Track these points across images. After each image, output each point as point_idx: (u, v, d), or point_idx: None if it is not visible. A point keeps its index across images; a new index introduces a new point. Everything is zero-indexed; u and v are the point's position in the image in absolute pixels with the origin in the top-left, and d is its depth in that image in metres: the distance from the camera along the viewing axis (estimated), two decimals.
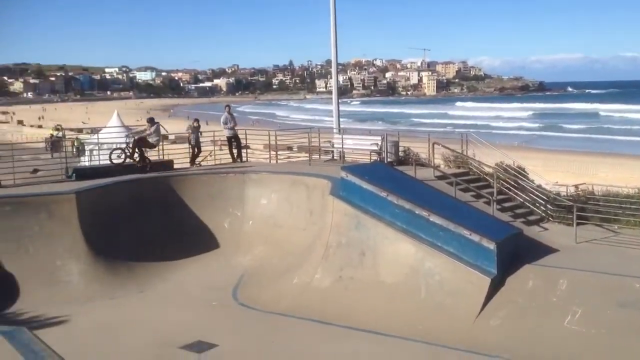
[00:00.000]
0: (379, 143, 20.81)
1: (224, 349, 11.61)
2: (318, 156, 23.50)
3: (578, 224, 14.78)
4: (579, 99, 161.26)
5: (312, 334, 12.40)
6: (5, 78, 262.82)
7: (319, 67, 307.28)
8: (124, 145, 21.08)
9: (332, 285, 14.27)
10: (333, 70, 27.17)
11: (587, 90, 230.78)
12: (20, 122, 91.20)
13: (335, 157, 22.81)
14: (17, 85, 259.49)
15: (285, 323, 12.97)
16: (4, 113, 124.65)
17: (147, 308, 13.92)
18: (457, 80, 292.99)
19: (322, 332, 12.50)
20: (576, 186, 17.79)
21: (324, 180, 17.47)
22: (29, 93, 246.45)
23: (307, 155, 23.42)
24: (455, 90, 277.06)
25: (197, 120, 23.83)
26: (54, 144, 34.02)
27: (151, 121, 20.91)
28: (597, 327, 11.25)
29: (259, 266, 16.69)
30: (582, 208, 15.61)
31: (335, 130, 24.71)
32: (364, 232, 14.56)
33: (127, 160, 20.12)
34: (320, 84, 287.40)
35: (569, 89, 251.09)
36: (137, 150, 20.15)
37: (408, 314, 12.71)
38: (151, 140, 20.36)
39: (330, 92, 26.87)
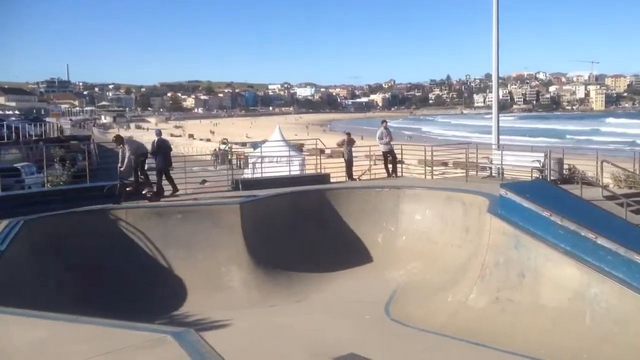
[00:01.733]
0: (542, 160, 19.94)
1: None
2: (475, 172, 22.97)
3: None
4: None
5: (465, 355, 12.08)
6: (179, 94, 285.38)
7: (478, 81, 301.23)
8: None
9: (488, 306, 13.81)
10: (494, 83, 26.51)
11: None
12: (191, 136, 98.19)
13: (493, 174, 22.18)
14: (189, 102, 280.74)
15: (438, 342, 12.71)
16: (177, 127, 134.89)
17: (303, 317, 14.32)
18: (628, 94, 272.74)
19: (476, 354, 12.11)
20: None
21: (481, 198, 17.05)
22: (199, 108, 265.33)
23: (464, 171, 22.98)
24: (626, 105, 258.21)
25: (349, 134, 24.29)
26: (219, 156, 36.39)
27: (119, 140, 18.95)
28: None
29: (412, 282, 16.61)
30: None
31: (494, 146, 24.03)
32: (523, 252, 13.96)
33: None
34: (478, 98, 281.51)
35: None
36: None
37: (571, 341, 11.96)
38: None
39: (488, 107, 26.16)
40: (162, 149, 18.96)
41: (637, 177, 17.80)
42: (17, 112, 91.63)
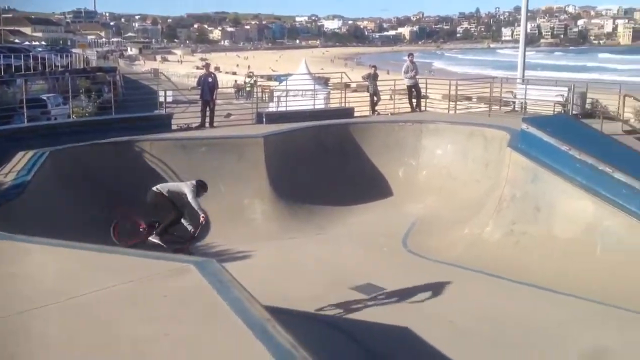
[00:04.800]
0: (565, 94, 19.83)
1: (391, 293, 12.01)
2: (498, 107, 22.90)
3: None
4: None
5: (480, 286, 12.47)
6: (206, 26, 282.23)
7: (507, 14, 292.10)
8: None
9: (503, 238, 14.15)
10: (522, 16, 26.00)
11: None
12: (217, 69, 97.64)
13: (516, 109, 22.11)
14: (215, 34, 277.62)
15: (453, 273, 13.09)
16: (202, 59, 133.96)
17: (322, 249, 14.74)
18: None
19: (489, 284, 12.52)
20: None
21: (502, 132, 17.11)
22: (226, 41, 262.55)
23: (487, 106, 22.93)
24: None
25: (374, 67, 24.15)
26: (240, 90, 36.59)
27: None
28: None
29: (430, 216, 16.94)
30: None
31: (518, 80, 23.84)
32: (540, 186, 14.19)
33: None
34: (506, 32, 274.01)
35: None
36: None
37: (581, 272, 12.31)
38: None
39: (516, 41, 25.63)
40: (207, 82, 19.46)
41: None
42: (43, 42, 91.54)
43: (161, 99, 21.46)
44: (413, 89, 23.10)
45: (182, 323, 5.15)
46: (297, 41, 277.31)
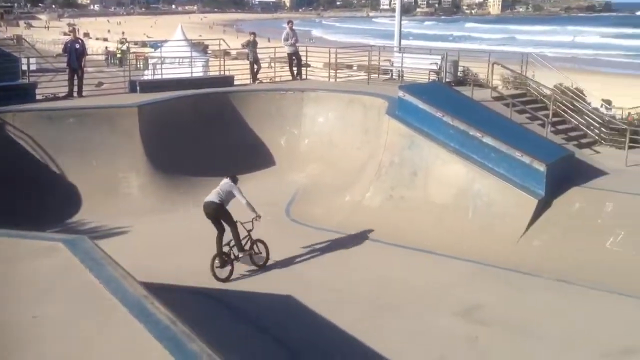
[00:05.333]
0: (438, 62, 20.48)
1: (274, 263, 12.16)
2: (377, 75, 23.32)
3: (630, 147, 14.63)
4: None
5: (362, 251, 12.84)
6: None
7: None
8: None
9: (383, 203, 14.56)
10: None
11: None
12: (86, 35, 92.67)
13: (394, 77, 22.62)
14: None
15: (336, 239, 13.38)
16: (70, 25, 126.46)
17: (203, 221, 14.33)
18: None
19: (371, 249, 12.91)
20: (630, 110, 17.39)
21: (381, 100, 17.43)
22: (96, 5, 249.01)
23: (366, 74, 23.29)
24: (521, 10, 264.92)
25: (254, 34, 23.77)
26: (111, 56, 34.93)
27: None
28: (638, 249, 11.33)
29: (312, 184, 17.08)
30: (635, 131, 15.29)
31: (395, 49, 24.35)
32: (417, 152, 14.68)
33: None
34: (384, 1, 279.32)
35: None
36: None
37: (455, 233, 12.96)
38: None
39: (394, 10, 26.30)
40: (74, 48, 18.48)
41: (523, 78, 18.69)
42: None
43: (24, 67, 20.05)
44: (293, 57, 22.99)
45: (51, 304, 4.89)
46: (174, 6, 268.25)
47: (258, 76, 22.49)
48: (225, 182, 12.02)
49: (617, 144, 15.72)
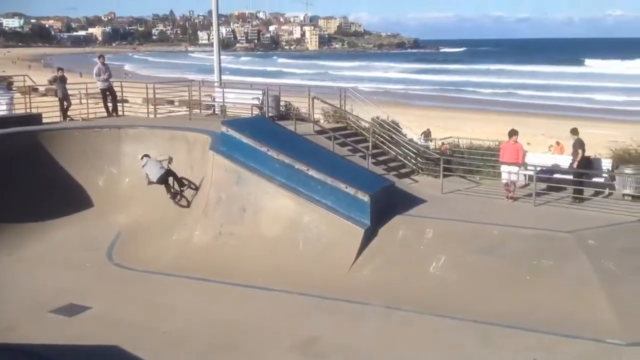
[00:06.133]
0: (260, 97, 20.68)
1: (97, 311, 11.39)
2: (199, 111, 23.03)
3: (444, 175, 15.72)
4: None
5: (190, 292, 12.35)
6: None
7: (202, 17, 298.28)
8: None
9: (212, 241, 14.24)
10: (214, 20, 26.45)
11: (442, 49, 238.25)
12: None
13: (216, 112, 22.45)
14: None
15: (164, 282, 12.84)
16: None
17: (16, 271, 13.30)
18: (338, 35, 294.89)
19: (200, 288, 12.48)
20: (442, 140, 18.76)
21: (204, 135, 17.20)
22: None
23: (188, 109, 22.89)
24: (337, 46, 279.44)
25: (61, 69, 22.44)
26: None
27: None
28: (459, 272, 12.08)
29: (136, 224, 16.27)
30: (448, 161, 16.52)
31: (216, 84, 24.25)
32: (244, 187, 14.57)
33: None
34: (202, 35, 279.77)
35: (443, 48, 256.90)
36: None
37: (287, 267, 12.97)
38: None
39: (212, 45, 26.17)
40: None
41: (342, 112, 19.45)
42: None
43: None
44: (108, 93, 22.00)
45: None
46: None
47: (69, 113, 21.21)
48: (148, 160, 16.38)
49: (432, 173, 16.80)
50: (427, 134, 23.78)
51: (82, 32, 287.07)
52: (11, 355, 9.73)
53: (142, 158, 16.72)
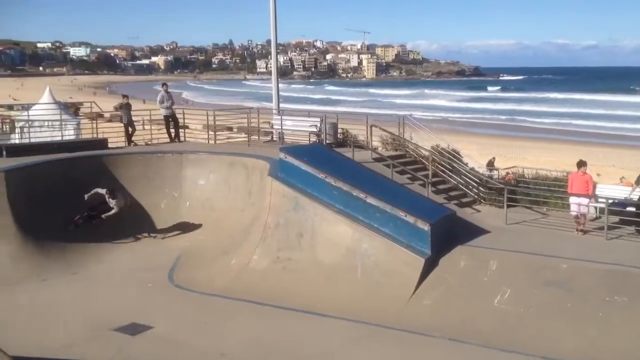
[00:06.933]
0: (318, 125, 20.82)
1: (158, 331, 11.49)
2: (257, 137, 23.36)
3: (508, 206, 15.31)
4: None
5: (248, 315, 12.36)
6: None
7: (260, 47, 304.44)
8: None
9: (270, 266, 14.26)
10: (273, 50, 26.95)
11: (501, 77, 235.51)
12: None
13: (274, 138, 22.72)
14: None
15: (221, 304, 12.91)
16: None
17: (80, 290, 13.61)
18: (396, 63, 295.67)
19: (257, 313, 12.47)
20: (507, 170, 18.37)
21: (262, 161, 17.41)
22: None
23: (247, 136, 23.24)
24: (394, 74, 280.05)
25: (126, 96, 23.21)
26: None
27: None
28: (526, 306, 11.67)
29: (195, 248, 16.51)
30: (513, 191, 16.16)
31: (274, 111, 24.58)
32: (302, 213, 14.58)
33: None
34: (260, 64, 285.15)
35: (503, 76, 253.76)
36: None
37: (344, 294, 12.84)
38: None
39: (270, 73, 26.59)
40: None
41: (401, 140, 19.37)
42: None
43: None
44: (170, 119, 22.61)
45: None
46: (41, 68, 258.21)
47: (133, 139, 21.85)
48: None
49: (496, 203, 16.44)
50: (491, 163, 23.42)
51: (145, 61, 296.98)
52: None
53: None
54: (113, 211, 16.64)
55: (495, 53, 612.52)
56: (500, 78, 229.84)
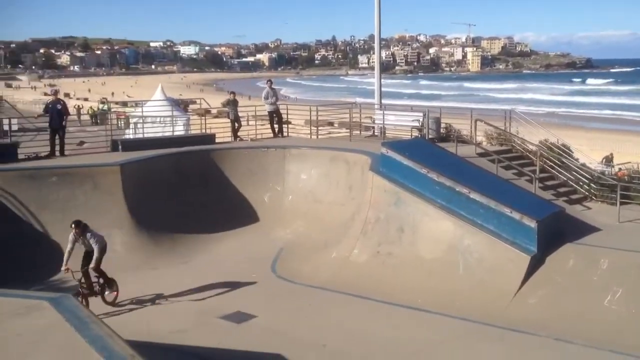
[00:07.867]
0: (421, 119, 20.62)
1: (262, 320, 11.85)
2: (359, 132, 23.45)
3: (622, 203, 14.52)
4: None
5: (349, 308, 12.50)
6: (53, 51, 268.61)
7: (362, 42, 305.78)
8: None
9: (370, 260, 14.33)
10: (376, 45, 26.94)
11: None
12: (67, 95, 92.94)
13: (376, 133, 22.72)
14: (64, 59, 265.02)
15: (323, 296, 13.12)
16: (51, 85, 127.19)
17: (189, 278, 14.21)
18: (502, 56, 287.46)
19: (358, 306, 12.58)
20: (620, 165, 17.43)
21: (364, 156, 17.47)
22: (75, 66, 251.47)
23: (348, 131, 23.40)
24: (500, 67, 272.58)
25: (233, 93, 23.96)
26: (94, 116, 35.02)
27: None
28: (638, 306, 11.08)
29: (297, 240, 16.85)
30: (626, 187, 15.30)
31: (376, 106, 24.57)
32: (403, 208, 14.54)
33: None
34: (362, 59, 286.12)
35: (616, 68, 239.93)
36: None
37: (445, 290, 12.70)
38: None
39: (372, 68, 26.66)
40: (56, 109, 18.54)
41: (507, 134, 18.83)
42: None
43: (5, 127, 19.95)
44: (274, 115, 23.12)
45: None
46: (153, 67, 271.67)
47: (239, 134, 22.52)
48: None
49: (608, 200, 15.68)
50: (609, 159, 22.32)
51: (250, 58, 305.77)
52: (179, 356, 10.34)
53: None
54: (95, 255, 12.33)
55: (607, 44, 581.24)
56: (611, 70, 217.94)
